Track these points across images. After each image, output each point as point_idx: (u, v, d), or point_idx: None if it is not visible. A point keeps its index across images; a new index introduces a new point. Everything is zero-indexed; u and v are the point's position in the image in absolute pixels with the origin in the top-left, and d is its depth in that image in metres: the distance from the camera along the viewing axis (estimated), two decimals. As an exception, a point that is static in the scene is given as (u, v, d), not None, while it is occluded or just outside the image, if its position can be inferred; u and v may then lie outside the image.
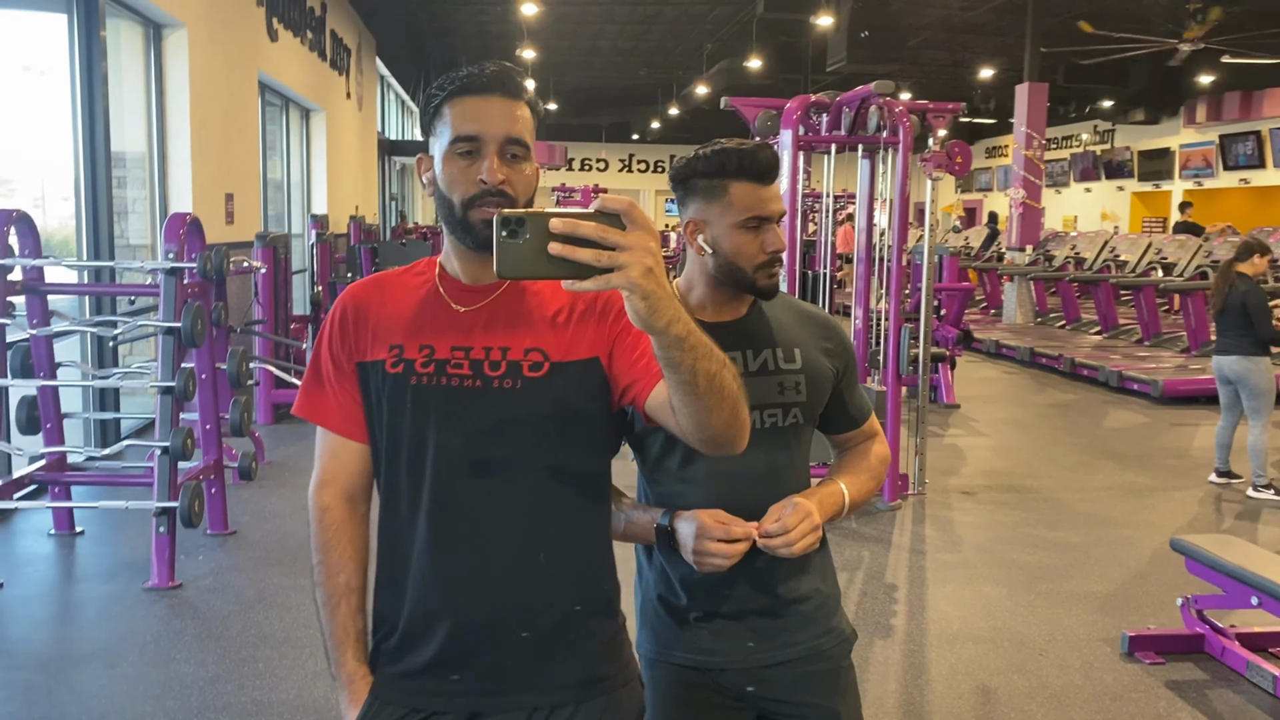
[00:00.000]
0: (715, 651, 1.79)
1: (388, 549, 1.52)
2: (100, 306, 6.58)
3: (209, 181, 8.29)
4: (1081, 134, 24.34)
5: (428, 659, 1.48)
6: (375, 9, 16.28)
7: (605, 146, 31.72)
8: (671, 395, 1.30)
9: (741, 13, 16.91)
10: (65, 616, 4.44)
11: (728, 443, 1.36)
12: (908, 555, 5.26)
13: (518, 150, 1.44)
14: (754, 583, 1.79)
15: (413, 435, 1.46)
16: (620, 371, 1.46)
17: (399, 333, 1.49)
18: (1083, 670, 3.92)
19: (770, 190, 1.74)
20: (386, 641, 1.52)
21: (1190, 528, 5.74)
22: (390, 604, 1.51)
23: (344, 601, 1.54)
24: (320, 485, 1.56)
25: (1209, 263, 11.91)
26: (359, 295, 1.55)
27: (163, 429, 4.63)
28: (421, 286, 1.52)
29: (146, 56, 7.76)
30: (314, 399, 1.55)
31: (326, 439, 1.55)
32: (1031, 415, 9.26)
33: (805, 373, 1.80)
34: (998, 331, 13.37)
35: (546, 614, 1.47)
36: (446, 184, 1.44)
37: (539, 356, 1.45)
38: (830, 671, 1.85)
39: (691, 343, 1.21)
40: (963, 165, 6.15)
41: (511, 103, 1.45)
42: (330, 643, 1.55)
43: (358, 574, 1.56)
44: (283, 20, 10.75)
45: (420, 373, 1.46)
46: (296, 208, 12.63)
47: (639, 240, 1.12)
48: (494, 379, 1.44)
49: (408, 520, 1.48)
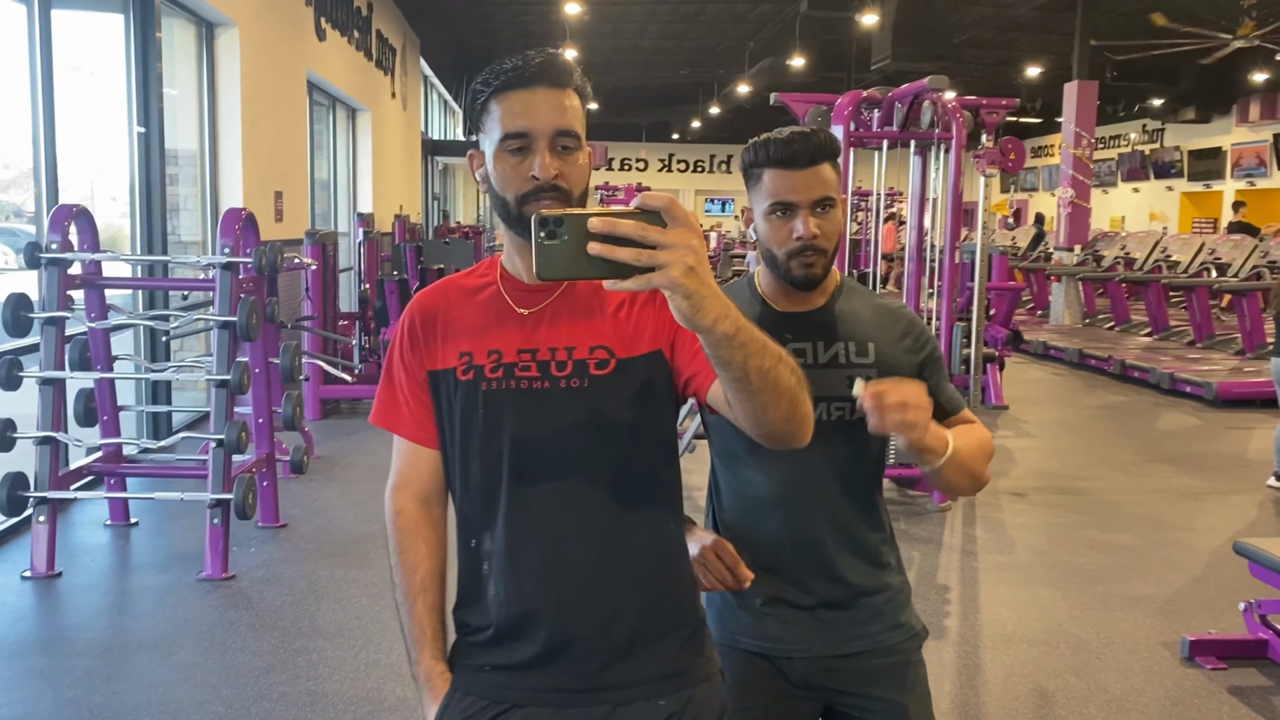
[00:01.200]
0: (782, 639, 1.79)
1: (468, 552, 1.53)
2: (154, 301, 6.67)
3: (259, 179, 8.39)
4: (1130, 133, 24.00)
5: (509, 656, 1.48)
6: (420, 9, 16.39)
7: (645, 146, 31.75)
8: (726, 392, 1.29)
9: (785, 11, 16.84)
10: (122, 605, 4.50)
11: (787, 437, 1.34)
12: (959, 556, 5.20)
13: (568, 142, 1.42)
14: (823, 573, 1.78)
15: (486, 441, 1.47)
16: (682, 363, 1.45)
17: (467, 339, 1.49)
18: (1142, 674, 3.85)
19: (800, 176, 1.68)
20: (472, 637, 1.53)
21: (1249, 531, 5.62)
22: (473, 608, 1.52)
23: (420, 599, 1.55)
24: (396, 489, 1.58)
25: (1265, 263, 11.69)
26: (426, 303, 1.55)
27: (217, 422, 4.67)
28: (485, 290, 1.52)
29: (199, 55, 7.87)
30: (388, 407, 1.56)
31: (401, 445, 1.57)
32: (1082, 417, 9.13)
33: (879, 367, 1.76)
34: (1045, 333, 13.20)
35: (625, 611, 1.46)
36: (500, 182, 1.43)
37: (604, 354, 1.45)
38: (899, 665, 1.82)
39: (741, 339, 1.19)
40: (1016, 161, 6.08)
41: (559, 93, 1.42)
42: (409, 640, 1.56)
43: (433, 572, 1.57)
44: (330, 20, 10.86)
45: (490, 378, 1.46)
46: (343, 206, 12.75)
47: (680, 238, 1.10)
48: (561, 379, 1.44)
49: (484, 525, 1.49)
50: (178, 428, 7.01)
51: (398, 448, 1.58)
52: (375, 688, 3.59)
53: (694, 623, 1.54)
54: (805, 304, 1.79)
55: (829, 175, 1.71)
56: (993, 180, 6.17)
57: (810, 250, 1.71)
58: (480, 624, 1.51)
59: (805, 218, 1.69)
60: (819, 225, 1.70)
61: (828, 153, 1.70)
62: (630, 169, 31.85)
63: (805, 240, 1.70)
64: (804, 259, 1.71)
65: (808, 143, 1.68)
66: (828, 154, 1.70)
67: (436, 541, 1.58)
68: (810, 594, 1.78)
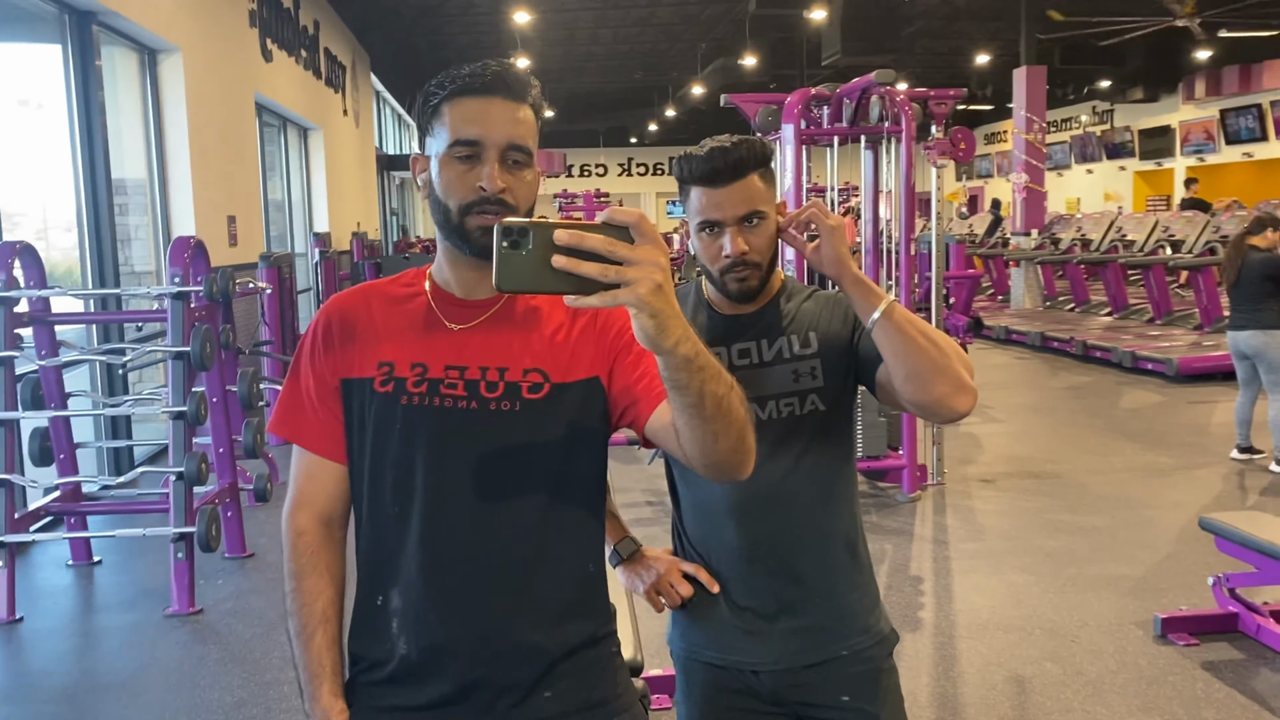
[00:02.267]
0: (748, 651, 1.75)
1: (371, 577, 1.43)
2: (108, 334, 6.57)
3: (211, 204, 8.28)
4: (1080, 116, 24.26)
5: (419, 692, 1.40)
6: (368, 26, 16.29)
7: (604, 151, 31.74)
8: (676, 418, 1.23)
9: (734, 10, 16.88)
10: (87, 647, 4.41)
11: (732, 468, 1.28)
12: (931, 546, 5.21)
13: (519, 156, 1.36)
14: (783, 580, 1.75)
15: (401, 458, 1.38)
16: (620, 392, 1.39)
17: (389, 348, 1.41)
18: (1116, 655, 3.87)
19: (725, 193, 1.66)
20: (370, 674, 1.43)
21: (1215, 506, 5.67)
22: (375, 635, 1.42)
23: (320, 631, 1.44)
24: (295, 508, 1.47)
25: (1218, 238, 11.84)
26: (345, 307, 1.46)
27: (176, 454, 4.60)
28: (411, 299, 1.44)
29: (142, 83, 7.76)
30: (291, 416, 1.46)
31: (304, 459, 1.47)
32: (1047, 399, 9.20)
33: (821, 355, 1.74)
34: (1006, 317, 13.31)
35: (546, 642, 1.39)
36: (443, 189, 1.36)
37: (539, 377, 1.38)
38: (869, 674, 1.78)
39: (700, 363, 1.15)
40: (966, 151, 6.11)
41: (514, 105, 1.37)
42: (304, 675, 1.45)
43: (334, 602, 1.47)
44: (276, 40, 10.75)
45: (412, 392, 1.38)
46: (299, 227, 12.63)
47: (648, 255, 1.06)
48: (490, 400, 1.37)
49: (394, 548, 1.40)
50: (140, 461, 6.91)
51: (299, 461, 1.47)
52: None
53: (610, 653, 1.48)
54: (748, 306, 1.78)
55: (755, 188, 1.68)
56: (945, 170, 6.20)
57: (741, 266, 1.69)
58: (378, 658, 1.41)
59: (733, 236, 1.68)
60: (747, 240, 1.68)
61: (751, 164, 1.67)
62: (590, 174, 31.83)
63: (735, 257, 1.68)
64: (736, 274, 1.70)
65: (728, 158, 1.66)
66: (752, 165, 1.67)
67: (338, 568, 1.48)
68: (772, 602, 1.75)
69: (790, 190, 5.81)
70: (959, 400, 1.59)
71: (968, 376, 1.60)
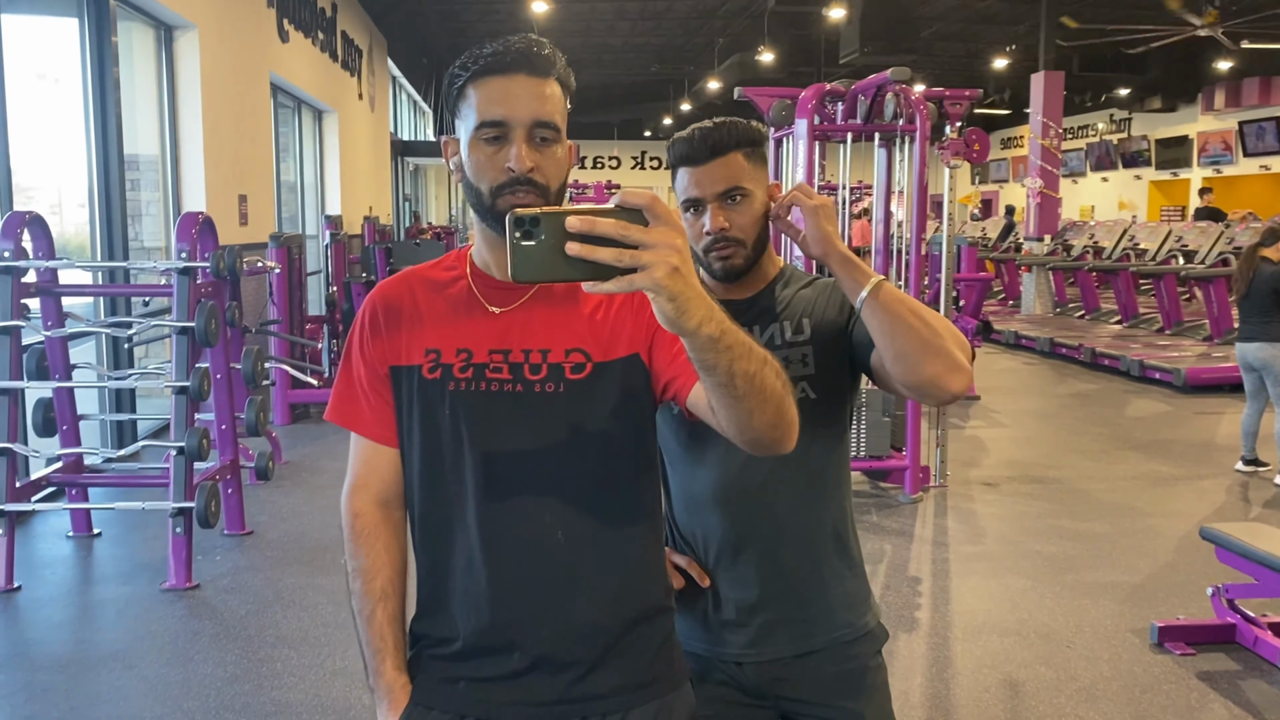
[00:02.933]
0: (730, 643, 1.74)
1: (427, 563, 1.46)
2: (115, 308, 6.58)
3: (222, 183, 8.29)
4: (1097, 123, 24.15)
5: (477, 670, 1.43)
6: (386, 10, 16.27)
7: (618, 144, 31.69)
8: (710, 396, 1.22)
9: (753, 6, 16.83)
10: (83, 618, 4.42)
11: (773, 443, 1.28)
12: (930, 548, 5.20)
13: (547, 133, 1.35)
14: (767, 573, 1.73)
15: (452, 443, 1.40)
16: (660, 367, 1.39)
17: (434, 335, 1.42)
18: (1111, 662, 3.86)
19: (703, 170, 1.66)
20: (434, 649, 1.46)
21: (1217, 516, 5.65)
22: (434, 620, 1.46)
23: (380, 608, 1.47)
24: (353, 491, 1.50)
25: (1231, 249, 11.78)
26: (390, 294, 1.47)
27: (178, 429, 4.61)
28: (453, 284, 1.45)
29: (158, 59, 7.76)
30: (345, 403, 1.48)
31: (359, 444, 1.50)
32: (1053, 406, 9.17)
33: (814, 343, 1.71)
34: (1016, 322, 13.27)
35: (600, 624, 1.41)
36: (474, 171, 1.36)
37: (581, 357, 1.38)
38: (855, 671, 1.76)
39: (726, 343, 1.12)
40: (980, 152, 6.08)
41: (539, 81, 1.36)
42: (367, 651, 1.48)
43: (394, 579, 1.49)
44: (294, 21, 10.75)
45: (458, 378, 1.39)
46: (310, 209, 12.64)
47: (663, 237, 1.04)
48: (535, 383, 1.38)
49: (447, 530, 1.42)
50: (143, 435, 6.92)
51: (356, 447, 1.50)
52: (340, 696, 3.54)
53: (666, 631, 1.50)
54: (744, 291, 1.76)
55: (738, 165, 1.67)
56: (958, 171, 6.17)
57: (723, 243, 1.68)
58: (444, 636, 1.44)
59: (713, 212, 1.67)
60: (728, 217, 1.67)
61: (733, 142, 1.66)
62: (603, 167, 31.80)
63: (714, 234, 1.67)
64: (719, 252, 1.68)
65: (707, 138, 1.66)
66: (733, 143, 1.66)
67: (397, 547, 1.50)
68: (756, 593, 1.73)
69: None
70: (952, 380, 1.54)
71: (962, 356, 1.56)
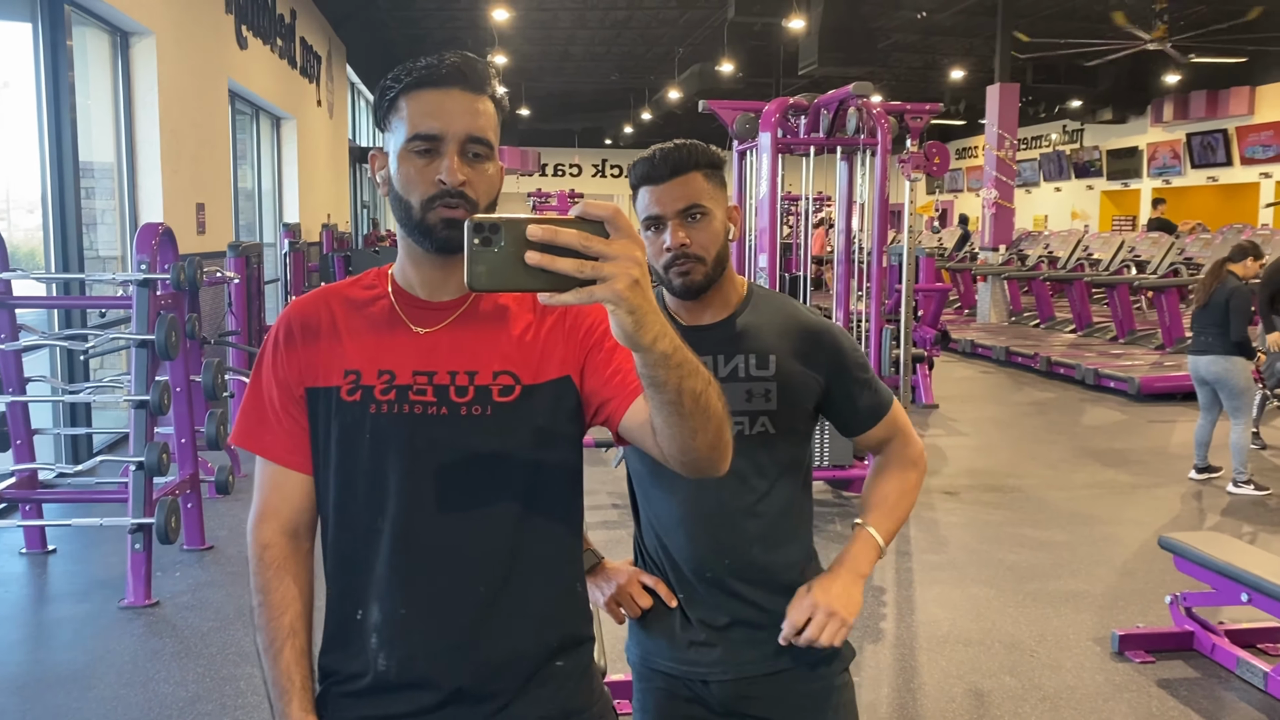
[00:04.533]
0: (698, 661, 1.76)
1: (343, 591, 1.40)
2: (70, 320, 6.46)
3: (180, 191, 8.18)
4: (1050, 134, 24.54)
5: (397, 702, 1.37)
6: (345, 16, 16.17)
7: (578, 151, 31.71)
8: (654, 416, 1.21)
9: (713, 17, 16.92)
10: (39, 637, 4.33)
11: (709, 465, 1.27)
12: (894, 557, 5.24)
13: (480, 149, 1.33)
14: (731, 593, 1.75)
15: (372, 468, 1.35)
16: (593, 389, 1.36)
17: (354, 356, 1.37)
18: (1074, 670, 3.91)
19: (664, 189, 1.70)
20: (345, 685, 1.40)
21: (1173, 525, 5.75)
22: (350, 649, 1.39)
23: (288, 645, 1.41)
24: (260, 520, 1.43)
25: (1182, 260, 12.01)
26: (306, 312, 1.41)
27: (137, 444, 4.53)
28: (374, 302, 1.40)
29: (114, 65, 7.64)
30: (254, 426, 1.42)
31: (267, 470, 1.43)
32: (1010, 414, 9.29)
33: (778, 380, 1.74)
34: (972, 331, 13.43)
35: (523, 653, 1.38)
36: (403, 184, 1.33)
37: (509, 380, 1.35)
38: (821, 691, 1.78)
39: (677, 360, 1.12)
40: (941, 165, 6.15)
41: (473, 97, 1.34)
42: (273, 691, 1.41)
43: (302, 615, 1.44)
44: (252, 28, 10.64)
45: (380, 400, 1.34)
46: (268, 217, 12.51)
47: (624, 249, 1.03)
48: (461, 405, 1.34)
49: (368, 560, 1.37)
50: (99, 449, 6.80)
51: (263, 472, 1.43)
52: (306, 714, 3.50)
53: (588, 660, 1.47)
54: (710, 317, 1.78)
55: (697, 184, 1.71)
56: (918, 184, 6.24)
57: (683, 259, 1.70)
58: (353, 671, 1.38)
59: (673, 229, 1.70)
60: (688, 233, 1.70)
61: (693, 163, 1.71)
62: (564, 174, 31.78)
63: (674, 250, 1.70)
64: (679, 268, 1.71)
65: (669, 157, 1.70)
66: (693, 164, 1.71)
67: (306, 580, 1.45)
68: (721, 615, 1.76)
69: (766, 197, 5.83)
70: None
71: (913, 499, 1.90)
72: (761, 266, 5.66)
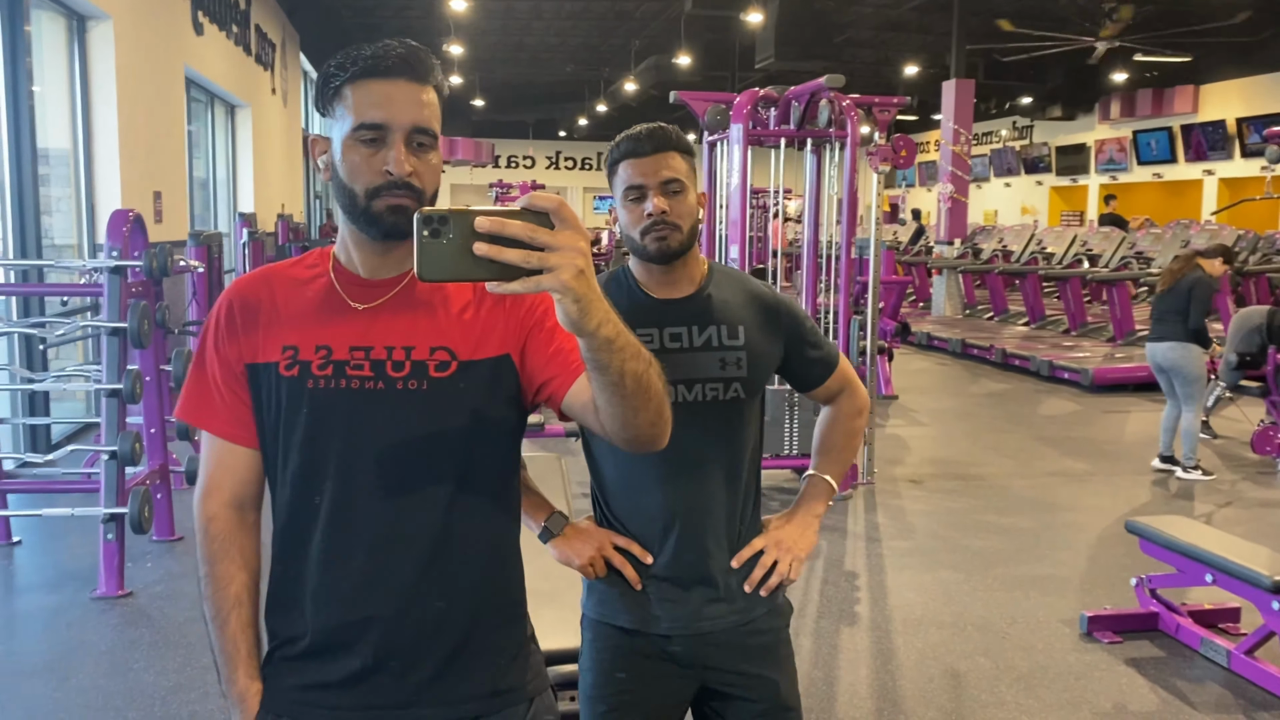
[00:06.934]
0: (663, 617, 1.86)
1: (283, 559, 1.44)
2: (28, 308, 6.34)
3: (137, 179, 8.04)
4: (1001, 130, 24.91)
5: (325, 673, 1.41)
6: (299, 4, 15.96)
7: (533, 143, 31.56)
8: (597, 396, 1.25)
9: (669, 9, 16.94)
10: (9, 629, 4.26)
11: (650, 441, 1.31)
12: (864, 543, 5.32)
13: (424, 139, 1.36)
14: (702, 551, 1.86)
15: (309, 441, 1.38)
16: (535, 368, 1.40)
17: (293, 332, 1.40)
18: (1045, 651, 4.01)
19: (648, 161, 1.81)
20: (285, 649, 1.44)
21: (1132, 511, 5.90)
22: (286, 617, 1.43)
23: (234, 614, 1.45)
24: (206, 494, 1.46)
25: (1133, 254, 12.28)
26: (246, 291, 1.44)
27: (109, 433, 4.47)
28: (314, 281, 1.43)
29: (70, 50, 7.49)
30: (198, 401, 1.45)
31: (212, 444, 1.46)
32: (968, 405, 9.45)
33: (748, 349, 1.88)
34: (928, 324, 13.62)
35: (452, 626, 1.41)
36: (348, 173, 1.35)
37: (445, 355, 1.37)
38: (771, 643, 1.93)
39: (620, 344, 1.17)
40: (908, 158, 6.24)
41: (419, 87, 1.36)
42: (220, 658, 1.46)
43: (248, 586, 1.47)
44: (208, 14, 10.48)
45: (317, 375, 1.37)
46: (223, 206, 12.33)
47: (569, 240, 1.07)
48: (397, 380, 1.36)
49: (304, 530, 1.40)
50: (58, 439, 6.69)
51: (209, 446, 1.46)
52: (291, 702, 3.49)
53: (523, 638, 1.50)
54: (679, 291, 1.89)
55: (677, 162, 1.83)
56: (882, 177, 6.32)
57: (661, 225, 1.81)
58: (292, 635, 1.43)
59: (654, 196, 1.81)
60: (668, 203, 1.81)
61: (674, 144, 1.83)
62: (517, 166, 31.61)
63: (655, 215, 1.80)
64: (656, 233, 1.81)
65: (654, 134, 1.82)
66: (674, 145, 1.83)
67: (252, 551, 1.48)
68: (688, 571, 1.86)
69: (736, 189, 5.87)
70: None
71: (861, 437, 2.07)
72: (733, 258, 5.70)
